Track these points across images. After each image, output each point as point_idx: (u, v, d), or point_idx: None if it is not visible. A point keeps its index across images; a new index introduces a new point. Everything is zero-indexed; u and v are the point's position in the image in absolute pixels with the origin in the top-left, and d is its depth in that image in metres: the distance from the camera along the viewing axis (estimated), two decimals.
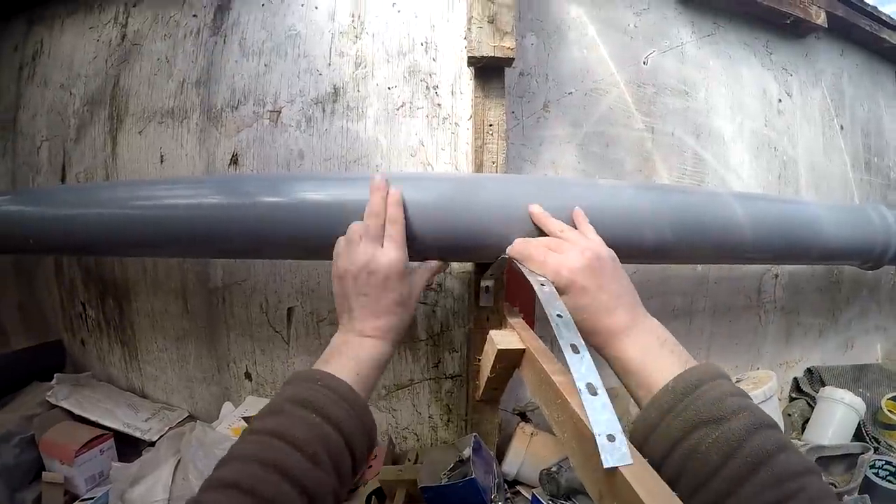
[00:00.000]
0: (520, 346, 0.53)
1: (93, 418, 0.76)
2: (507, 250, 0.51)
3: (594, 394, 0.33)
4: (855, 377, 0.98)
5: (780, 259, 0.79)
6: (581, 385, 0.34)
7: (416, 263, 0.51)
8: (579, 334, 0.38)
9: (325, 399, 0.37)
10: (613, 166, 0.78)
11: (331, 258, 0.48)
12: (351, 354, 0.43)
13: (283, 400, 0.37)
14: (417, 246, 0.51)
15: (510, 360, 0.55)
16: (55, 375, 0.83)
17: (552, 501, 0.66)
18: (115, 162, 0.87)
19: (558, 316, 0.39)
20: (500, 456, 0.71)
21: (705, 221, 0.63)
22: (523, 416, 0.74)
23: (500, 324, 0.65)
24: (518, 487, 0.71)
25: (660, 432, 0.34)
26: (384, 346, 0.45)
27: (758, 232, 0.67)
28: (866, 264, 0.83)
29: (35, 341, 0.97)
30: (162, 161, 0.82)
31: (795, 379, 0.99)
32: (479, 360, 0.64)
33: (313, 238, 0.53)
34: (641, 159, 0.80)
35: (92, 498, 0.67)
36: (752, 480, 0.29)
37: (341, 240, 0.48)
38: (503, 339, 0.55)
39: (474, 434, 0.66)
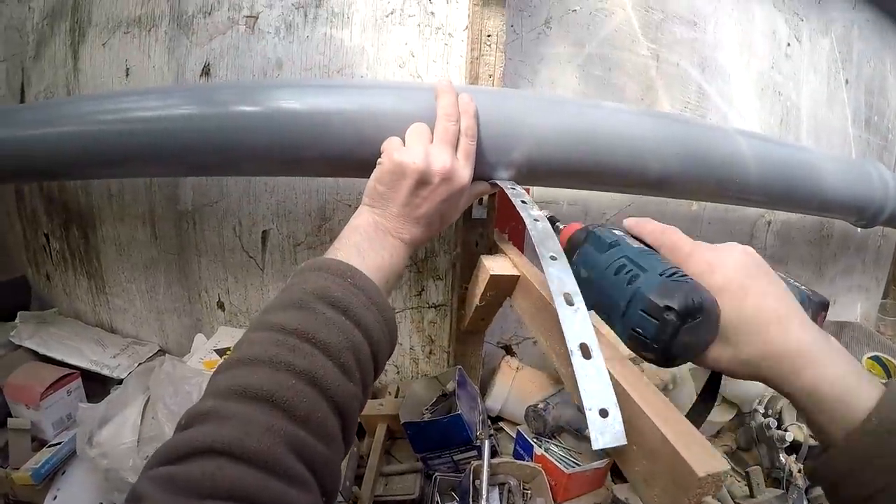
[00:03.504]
0: (514, 272, 0.47)
1: (58, 357, 0.68)
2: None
3: (587, 356, 0.27)
4: (835, 333, 0.94)
5: (780, 204, 0.74)
6: (573, 346, 0.27)
7: None
8: (575, 281, 0.30)
9: (356, 301, 0.31)
10: (615, 92, 0.70)
11: (309, 174, 0.44)
12: (385, 255, 0.37)
13: (310, 294, 0.30)
14: None
15: (502, 288, 0.49)
16: (18, 314, 0.74)
17: (537, 439, 0.60)
18: (77, 78, 0.76)
19: (552, 258, 0.32)
20: (483, 391, 0.65)
21: (712, 156, 0.58)
22: (508, 350, 0.68)
23: (490, 250, 0.58)
24: (501, 424, 0.66)
25: (854, 480, 0.26)
26: (408, 257, 0.40)
27: (762, 173, 0.62)
28: (860, 221, 0.80)
29: None
30: (128, 74, 0.72)
31: None
32: (467, 287, 0.57)
33: (292, 150, 0.47)
34: (644, 87, 0.72)
35: (59, 443, 0.59)
36: None
37: (410, 133, 0.41)
38: (495, 264, 0.48)
39: (459, 367, 0.59)
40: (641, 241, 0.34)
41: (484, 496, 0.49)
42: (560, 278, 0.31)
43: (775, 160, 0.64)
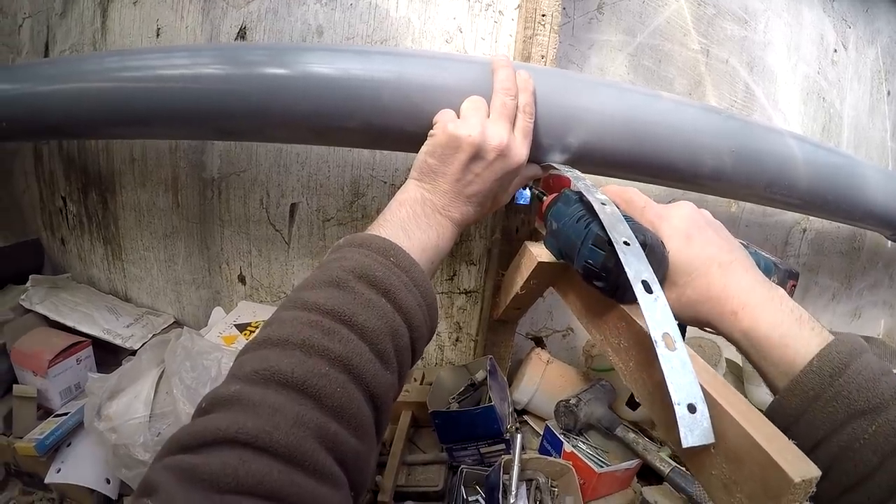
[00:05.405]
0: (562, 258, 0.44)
1: (69, 324, 0.65)
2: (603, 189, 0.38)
3: (672, 348, 0.25)
4: None
5: (825, 211, 0.72)
6: (657, 335, 0.25)
7: None
8: (651, 268, 0.28)
9: (398, 282, 0.29)
10: (663, 84, 0.67)
11: (345, 145, 0.41)
12: (432, 234, 0.34)
13: (349, 272, 0.28)
14: None
15: (548, 276, 0.46)
16: (30, 277, 0.71)
17: (565, 435, 0.57)
18: (104, 37, 0.72)
19: (625, 243, 0.29)
20: (509, 382, 0.62)
21: (765, 157, 0.56)
22: (538, 342, 0.65)
23: (531, 236, 0.55)
24: (525, 417, 0.63)
25: (803, 425, 0.26)
26: (455, 238, 0.37)
27: (811, 178, 0.60)
28: (895, 235, 0.77)
29: (11, 241, 0.84)
30: (158, 35, 0.68)
31: None
32: (503, 274, 0.54)
33: (330, 118, 0.44)
34: (693, 82, 0.69)
35: (66, 413, 0.56)
36: None
37: (466, 105, 0.38)
38: (543, 251, 0.45)
39: (490, 357, 0.56)
40: None
41: (513, 492, 0.47)
42: (636, 265, 0.28)
43: (825, 166, 0.62)
